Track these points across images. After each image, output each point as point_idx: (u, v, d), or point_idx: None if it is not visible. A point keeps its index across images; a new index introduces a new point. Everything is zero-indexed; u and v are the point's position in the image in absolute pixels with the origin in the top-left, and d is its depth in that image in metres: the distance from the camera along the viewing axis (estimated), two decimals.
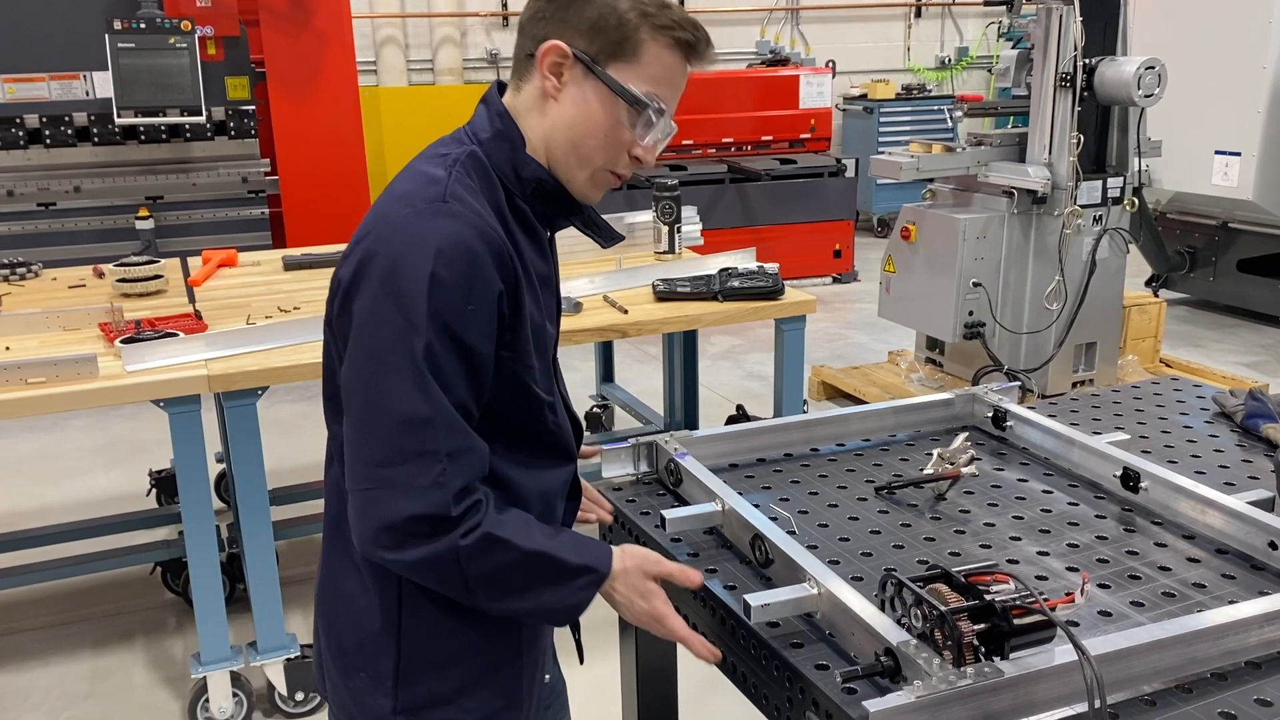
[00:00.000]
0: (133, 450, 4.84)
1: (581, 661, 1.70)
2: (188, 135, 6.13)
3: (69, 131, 5.95)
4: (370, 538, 1.29)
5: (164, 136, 6.10)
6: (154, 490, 4.10)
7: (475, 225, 1.28)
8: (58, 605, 3.64)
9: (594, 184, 1.41)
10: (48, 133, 5.92)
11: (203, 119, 5.92)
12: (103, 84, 5.87)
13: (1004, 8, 4.61)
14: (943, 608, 1.19)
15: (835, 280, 8.19)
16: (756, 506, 1.61)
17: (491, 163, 1.38)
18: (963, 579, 1.24)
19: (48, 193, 6.10)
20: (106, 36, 5.58)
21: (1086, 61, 4.36)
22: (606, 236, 1.53)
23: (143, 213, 5.75)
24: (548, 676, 1.62)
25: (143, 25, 5.66)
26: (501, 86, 1.44)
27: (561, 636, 1.70)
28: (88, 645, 3.41)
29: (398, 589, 1.40)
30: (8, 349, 2.88)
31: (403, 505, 1.26)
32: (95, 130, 5.97)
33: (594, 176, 1.40)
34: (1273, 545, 1.51)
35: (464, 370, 1.28)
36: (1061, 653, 1.19)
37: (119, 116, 5.77)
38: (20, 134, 5.90)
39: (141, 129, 6.00)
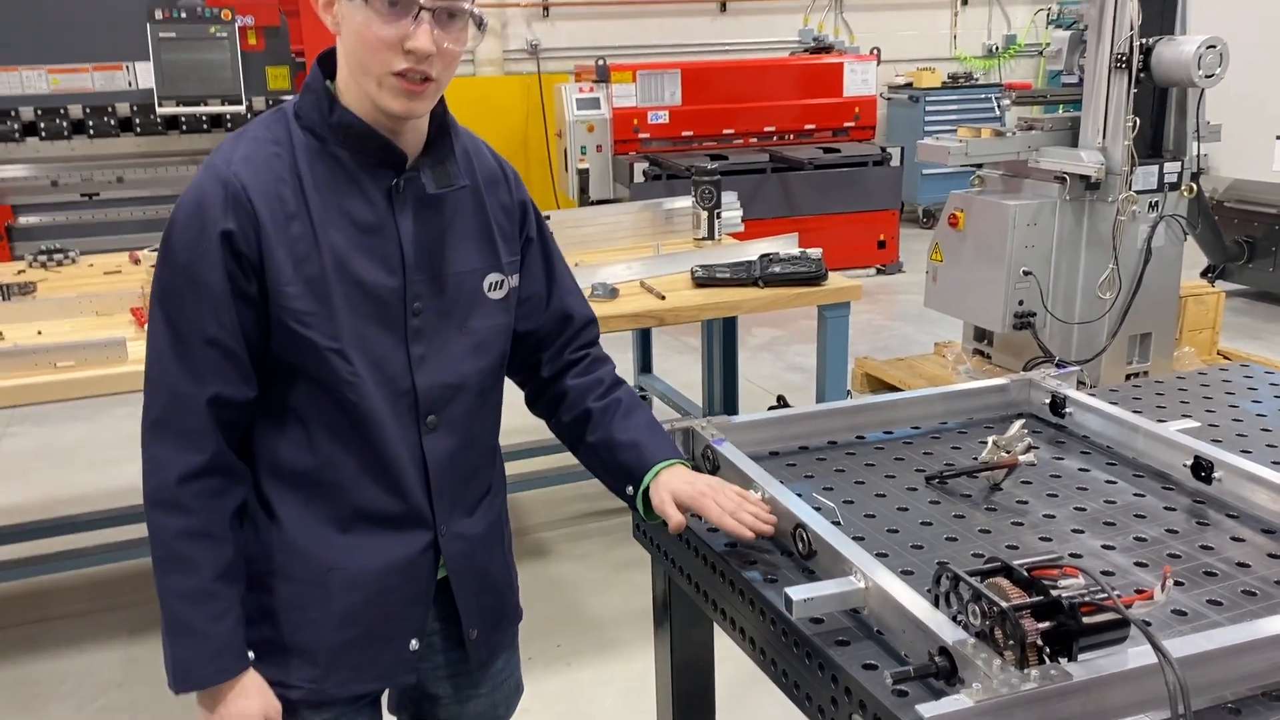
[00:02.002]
0: None
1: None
2: (229, 125, 6.13)
3: (112, 122, 5.98)
4: None
5: (205, 126, 6.11)
6: None
7: (217, 173, 1.36)
8: (93, 592, 3.63)
9: (389, 96, 1.36)
10: (91, 123, 5.95)
11: (243, 108, 5.92)
12: (145, 74, 5.88)
13: None
14: (1004, 604, 1.09)
15: (880, 271, 8.04)
16: (799, 495, 1.52)
17: (299, 114, 1.42)
18: (1025, 573, 1.14)
19: (91, 183, 6.13)
20: (148, 26, 5.60)
21: (1143, 41, 4.20)
22: (439, 184, 1.47)
23: None
24: (415, 644, 1.53)
25: (184, 15, 5.67)
26: None
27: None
28: (122, 633, 3.39)
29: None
30: (40, 333, 2.86)
31: (142, 427, 1.40)
32: (138, 120, 6.00)
33: (382, 87, 1.35)
34: None
35: (207, 305, 1.35)
36: (1136, 654, 1.09)
37: (160, 106, 5.78)
38: (64, 124, 5.93)
39: (183, 119, 6.01)
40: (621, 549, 3.87)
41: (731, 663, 2.01)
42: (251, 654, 1.43)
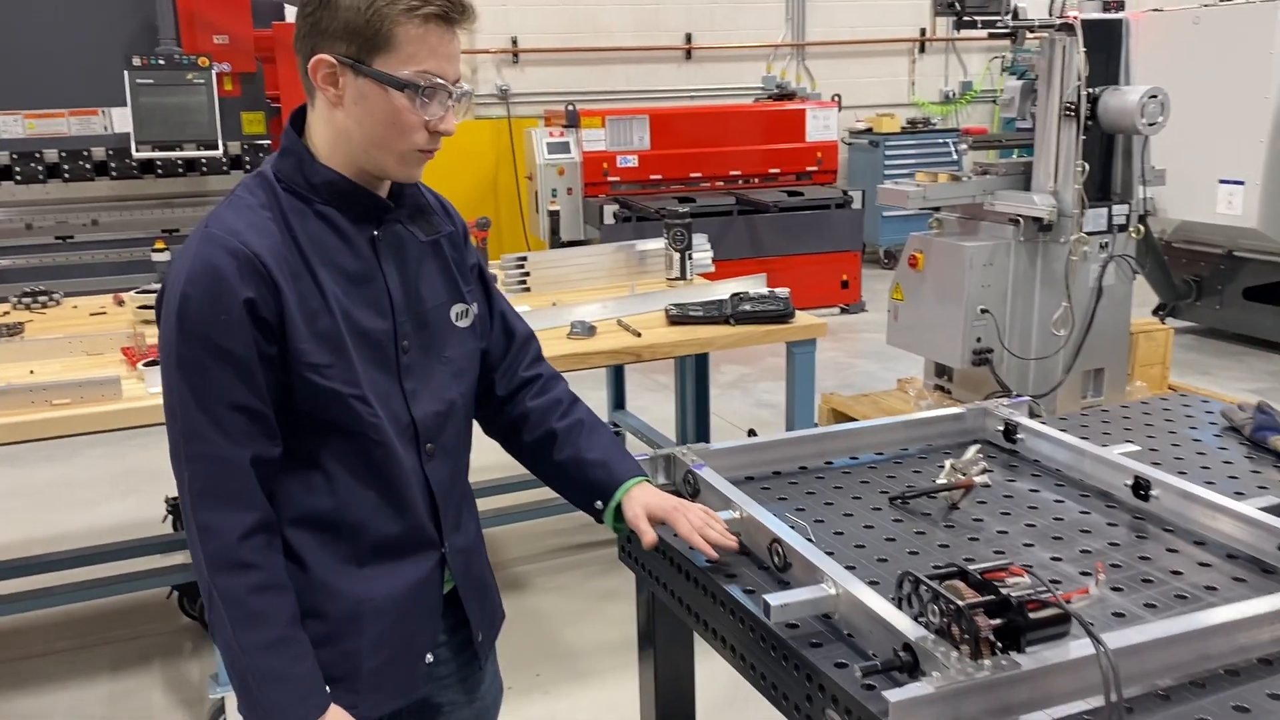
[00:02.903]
0: (149, 478, 4.87)
1: None
2: (204, 169, 6.23)
3: (87, 166, 6.05)
4: None
5: (180, 170, 6.19)
6: (170, 517, 4.13)
7: (224, 244, 1.41)
8: (75, 630, 3.67)
9: (406, 165, 1.49)
10: (66, 167, 6.02)
11: (219, 153, 6.02)
12: (121, 119, 5.97)
13: (1007, 40, 4.69)
14: (960, 602, 1.22)
15: (843, 310, 8.24)
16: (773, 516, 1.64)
17: (280, 176, 1.50)
18: (979, 576, 1.27)
19: (65, 225, 6.19)
20: (126, 73, 5.69)
21: (1090, 91, 4.43)
22: (424, 232, 1.59)
23: (159, 245, 5.80)
24: (430, 657, 1.62)
25: (162, 62, 5.78)
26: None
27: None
28: (105, 669, 3.43)
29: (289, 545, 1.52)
30: (32, 373, 2.93)
31: (183, 500, 1.44)
32: (113, 165, 6.07)
33: (403, 159, 1.47)
34: None
35: (233, 373, 1.41)
36: (1077, 646, 1.22)
37: (137, 151, 5.86)
38: (39, 168, 5.99)
39: (158, 163, 6.09)
40: (596, 581, 3.96)
41: (709, 688, 2.12)
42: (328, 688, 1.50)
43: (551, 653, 3.49)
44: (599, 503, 1.71)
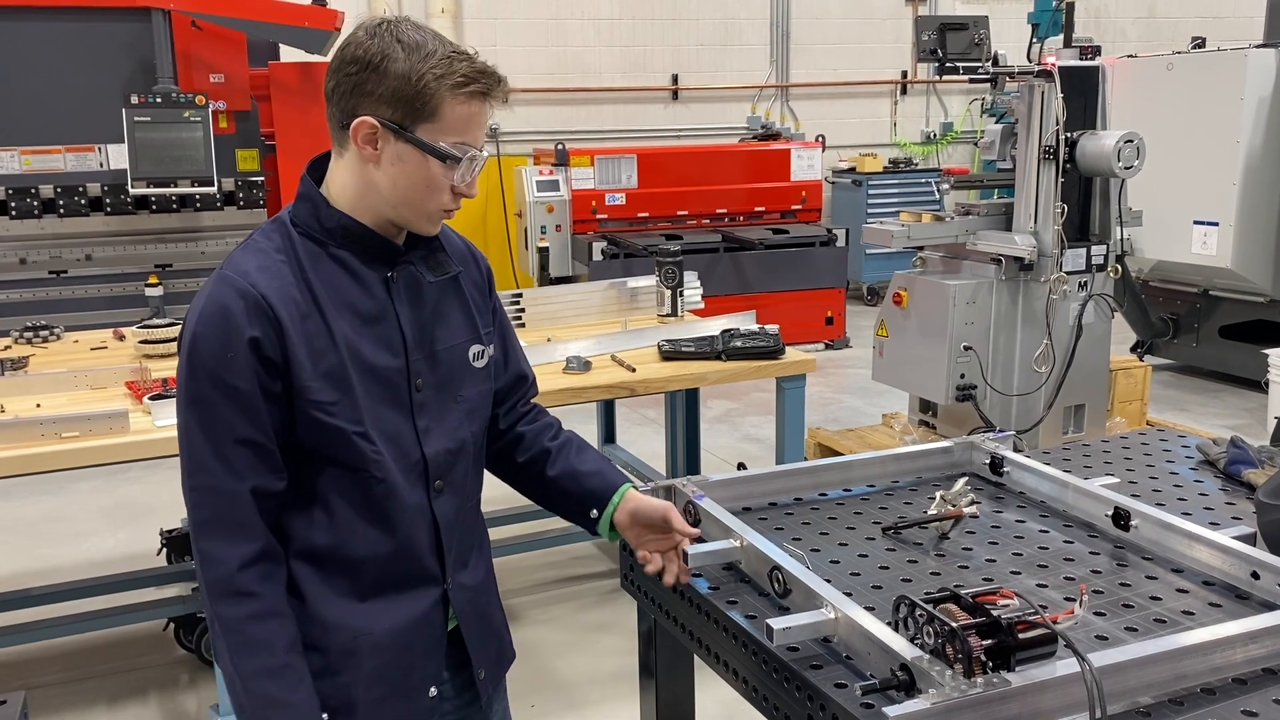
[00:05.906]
0: (140, 512, 4.90)
1: None
2: (198, 205, 6.28)
3: (82, 201, 6.10)
4: None
5: (174, 206, 6.25)
6: (165, 550, 4.16)
7: (234, 285, 1.49)
8: (71, 662, 3.69)
9: (431, 221, 1.58)
10: (62, 203, 6.07)
11: (213, 189, 6.09)
12: (117, 156, 6.04)
13: (988, 85, 4.83)
14: (954, 624, 1.29)
15: (828, 346, 8.35)
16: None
17: (296, 221, 1.57)
18: (971, 599, 1.34)
19: (59, 260, 6.23)
20: (123, 110, 5.77)
21: (1068, 135, 4.57)
22: (435, 274, 1.65)
23: (152, 280, 5.86)
24: (434, 691, 1.66)
25: (159, 100, 5.86)
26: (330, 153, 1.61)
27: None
28: (102, 701, 3.45)
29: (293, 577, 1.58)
30: (39, 406, 2.98)
31: (190, 528, 1.52)
32: (108, 200, 6.12)
33: (430, 217, 1.57)
34: (1255, 575, 1.62)
35: (238, 409, 1.47)
36: (1063, 665, 1.29)
37: (133, 187, 5.92)
38: (35, 204, 6.05)
39: (153, 199, 6.16)
40: (588, 613, 4.01)
41: (710, 706, 2.18)
42: (325, 716, 1.54)
43: (546, 684, 3.53)
44: (594, 511, 1.77)
